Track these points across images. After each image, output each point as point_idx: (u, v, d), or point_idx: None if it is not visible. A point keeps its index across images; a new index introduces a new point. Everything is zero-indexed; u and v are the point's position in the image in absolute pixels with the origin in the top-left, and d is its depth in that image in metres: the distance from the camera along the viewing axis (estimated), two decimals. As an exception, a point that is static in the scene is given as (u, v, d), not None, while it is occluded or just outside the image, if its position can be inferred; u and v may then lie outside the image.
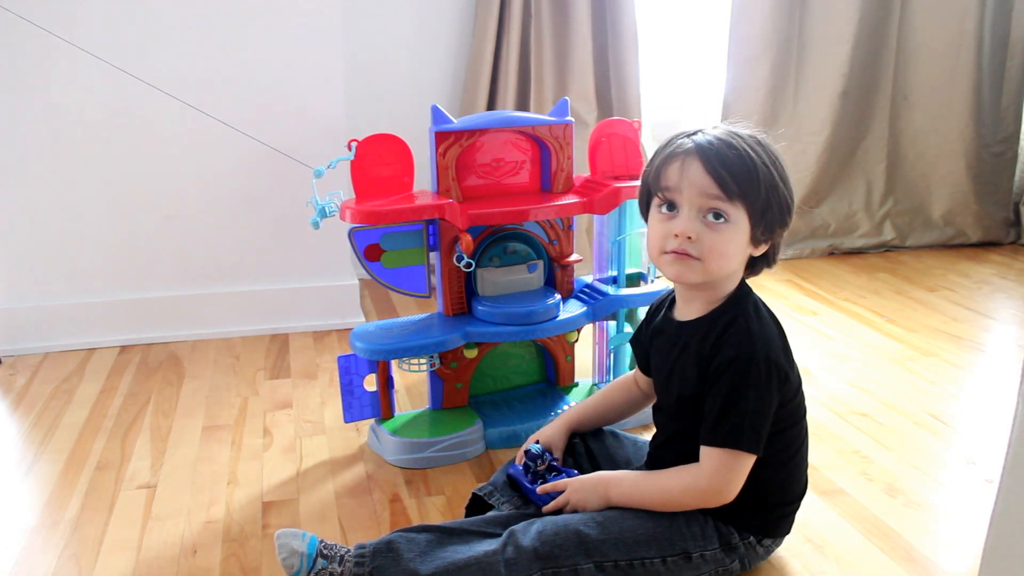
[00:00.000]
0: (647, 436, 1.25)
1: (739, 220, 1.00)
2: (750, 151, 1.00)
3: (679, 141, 1.04)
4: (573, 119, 1.49)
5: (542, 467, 1.15)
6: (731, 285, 1.06)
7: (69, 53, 1.70)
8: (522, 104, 2.37)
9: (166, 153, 1.92)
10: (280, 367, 1.84)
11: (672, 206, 1.03)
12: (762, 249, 1.05)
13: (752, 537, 1.07)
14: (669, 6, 2.59)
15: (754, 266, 1.08)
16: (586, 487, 1.08)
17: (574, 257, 1.53)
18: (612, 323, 1.57)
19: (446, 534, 1.03)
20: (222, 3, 1.87)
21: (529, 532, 1.01)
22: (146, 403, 1.66)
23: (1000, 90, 2.68)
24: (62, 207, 1.90)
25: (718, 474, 1.00)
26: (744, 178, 0.99)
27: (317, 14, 1.92)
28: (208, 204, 1.97)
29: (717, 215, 1.00)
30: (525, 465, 1.16)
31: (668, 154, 1.03)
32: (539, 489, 1.11)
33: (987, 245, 2.73)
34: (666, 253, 1.03)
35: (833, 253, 2.67)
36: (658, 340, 1.14)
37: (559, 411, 1.50)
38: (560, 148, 1.48)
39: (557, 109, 1.49)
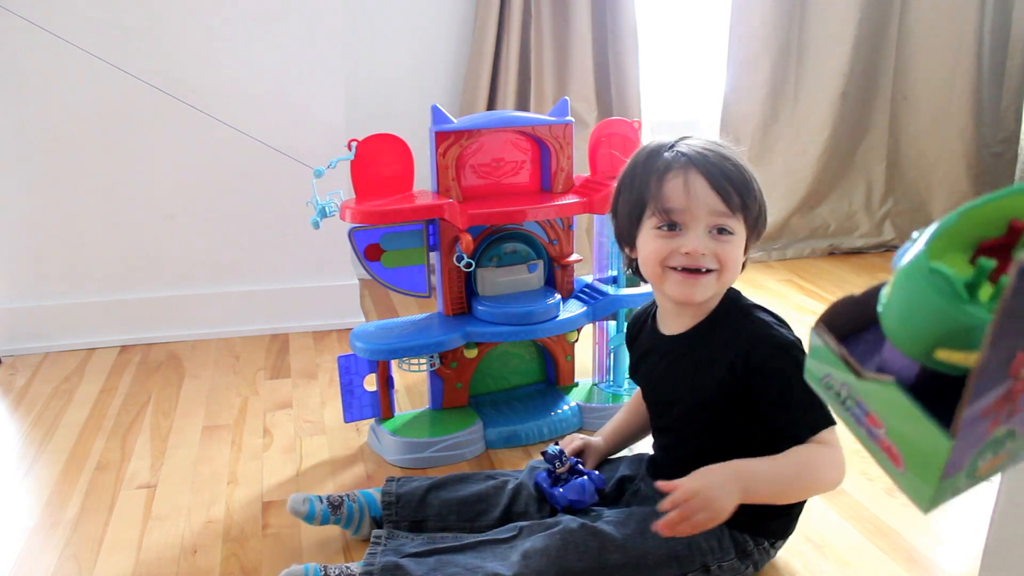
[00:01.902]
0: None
1: (740, 232, 1.00)
2: (740, 161, 1.00)
3: (666, 155, 1.01)
4: (573, 119, 1.49)
5: (562, 469, 1.12)
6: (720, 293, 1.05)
7: (69, 53, 1.70)
8: (522, 104, 2.37)
9: (166, 153, 1.92)
10: (280, 367, 1.84)
11: (673, 226, 1.00)
12: (746, 255, 1.05)
13: (766, 541, 1.07)
14: (669, 6, 2.59)
15: None
16: (715, 482, 0.92)
17: (574, 257, 1.53)
18: (612, 323, 1.57)
19: (456, 551, 1.02)
20: (222, 2, 1.87)
21: (548, 553, 0.99)
22: (146, 403, 1.66)
23: (1000, 90, 2.67)
24: (62, 207, 1.90)
25: (840, 452, 0.98)
26: (744, 191, 0.99)
27: (318, 14, 1.92)
28: (208, 204, 1.97)
29: (722, 230, 0.99)
30: (548, 470, 1.13)
31: (663, 169, 1.00)
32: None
33: (987, 245, 2.73)
34: (672, 269, 1.00)
35: (833, 253, 2.67)
36: (648, 360, 1.12)
37: (559, 411, 1.51)
38: (560, 148, 1.48)
39: (557, 109, 1.49)
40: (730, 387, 1.00)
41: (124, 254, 1.96)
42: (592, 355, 1.64)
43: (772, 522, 1.06)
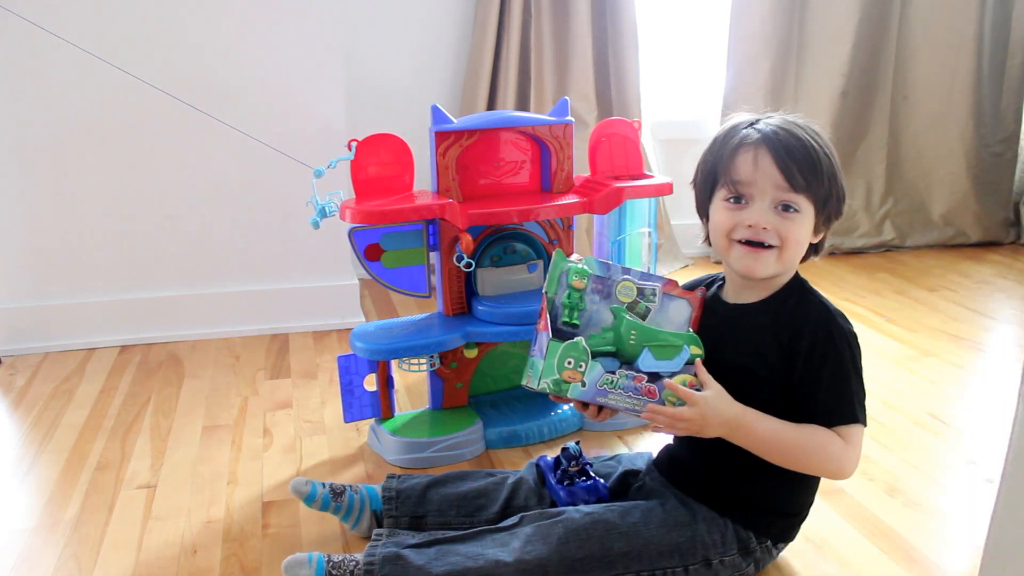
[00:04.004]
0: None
1: (807, 210, 1.02)
2: (813, 142, 1.01)
3: (743, 131, 1.03)
4: (573, 119, 1.49)
5: (575, 468, 1.13)
6: (790, 273, 1.07)
7: (69, 53, 1.70)
8: (522, 104, 2.37)
9: (166, 153, 1.92)
10: (280, 367, 1.84)
11: (740, 198, 1.02)
12: (817, 237, 1.06)
13: (768, 541, 1.07)
14: (669, 6, 2.59)
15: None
16: (712, 421, 0.98)
17: (574, 257, 1.53)
18: (612, 323, 1.56)
19: (458, 541, 1.03)
20: (223, 3, 1.87)
21: (550, 540, 1.00)
22: (146, 403, 1.66)
23: (1000, 90, 2.68)
24: (62, 207, 1.90)
25: (853, 451, 0.99)
26: (810, 170, 1.00)
27: (318, 14, 1.92)
28: (208, 204, 1.97)
29: (787, 207, 1.01)
30: (557, 460, 1.15)
31: (736, 144, 1.03)
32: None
33: (987, 245, 2.73)
34: (737, 242, 1.03)
35: (833, 253, 2.67)
36: (704, 320, 1.10)
37: (559, 411, 1.50)
38: (560, 148, 1.48)
39: (557, 109, 1.49)
40: (775, 359, 1.01)
41: (124, 254, 1.96)
42: (592, 355, 1.63)
43: (775, 523, 1.07)
